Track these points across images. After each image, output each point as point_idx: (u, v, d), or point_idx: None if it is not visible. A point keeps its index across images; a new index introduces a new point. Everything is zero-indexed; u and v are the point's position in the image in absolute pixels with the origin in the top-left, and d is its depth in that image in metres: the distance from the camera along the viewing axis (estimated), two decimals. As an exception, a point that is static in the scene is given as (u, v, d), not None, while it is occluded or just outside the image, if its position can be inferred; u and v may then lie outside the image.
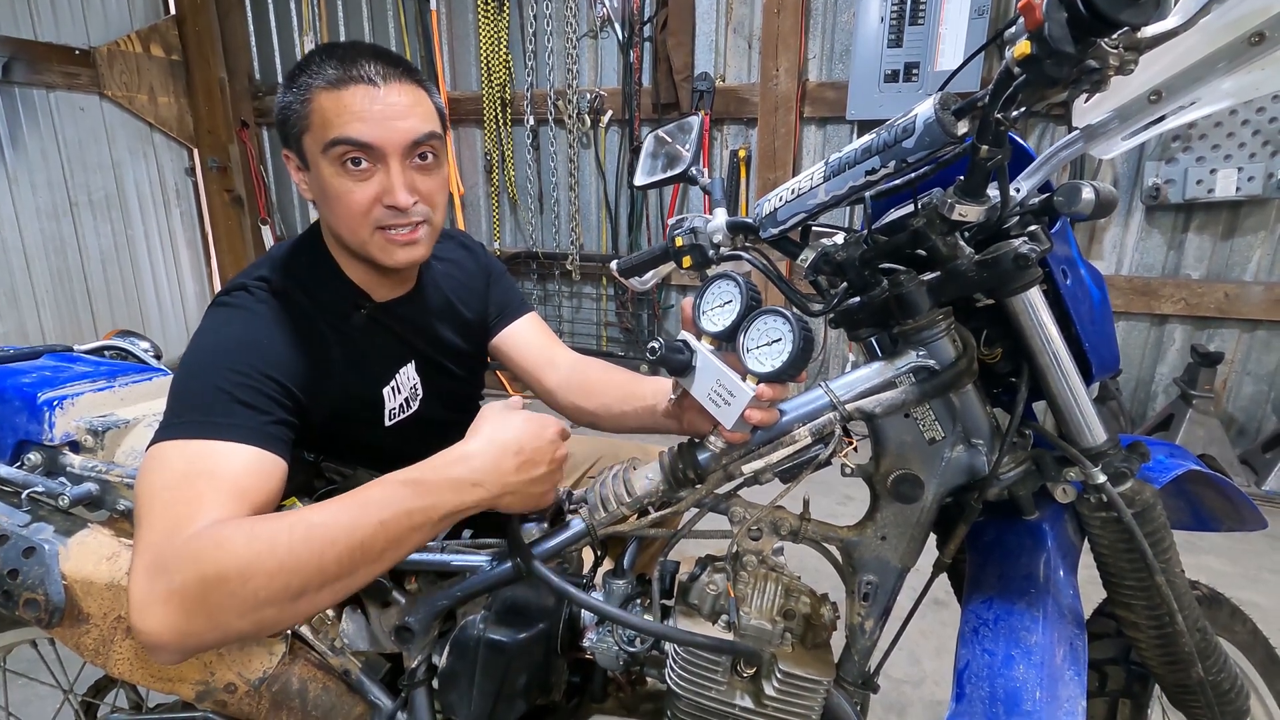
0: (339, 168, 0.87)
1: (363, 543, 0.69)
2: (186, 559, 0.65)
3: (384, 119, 0.85)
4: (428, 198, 0.92)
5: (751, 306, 0.74)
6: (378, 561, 0.71)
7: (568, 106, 3.60)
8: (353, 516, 0.69)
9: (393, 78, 0.87)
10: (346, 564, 0.68)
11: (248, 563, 0.65)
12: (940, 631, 1.94)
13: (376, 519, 0.70)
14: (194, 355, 0.83)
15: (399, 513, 0.70)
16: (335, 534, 0.68)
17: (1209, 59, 0.59)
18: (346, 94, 0.85)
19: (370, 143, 0.85)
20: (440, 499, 0.73)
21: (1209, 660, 0.81)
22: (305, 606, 0.68)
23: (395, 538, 0.70)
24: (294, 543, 0.67)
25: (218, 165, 4.32)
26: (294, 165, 0.93)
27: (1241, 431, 2.97)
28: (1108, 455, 0.73)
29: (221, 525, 0.68)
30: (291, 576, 0.66)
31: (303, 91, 0.86)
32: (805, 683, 0.75)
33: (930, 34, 2.86)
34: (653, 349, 0.75)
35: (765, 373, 0.71)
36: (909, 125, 0.63)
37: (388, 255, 0.92)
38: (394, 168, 0.87)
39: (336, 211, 0.90)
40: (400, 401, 1.02)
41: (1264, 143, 2.61)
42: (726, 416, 0.72)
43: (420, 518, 0.71)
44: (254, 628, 0.67)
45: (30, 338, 3.57)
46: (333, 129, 0.85)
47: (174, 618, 0.64)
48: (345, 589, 0.70)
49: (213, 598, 0.64)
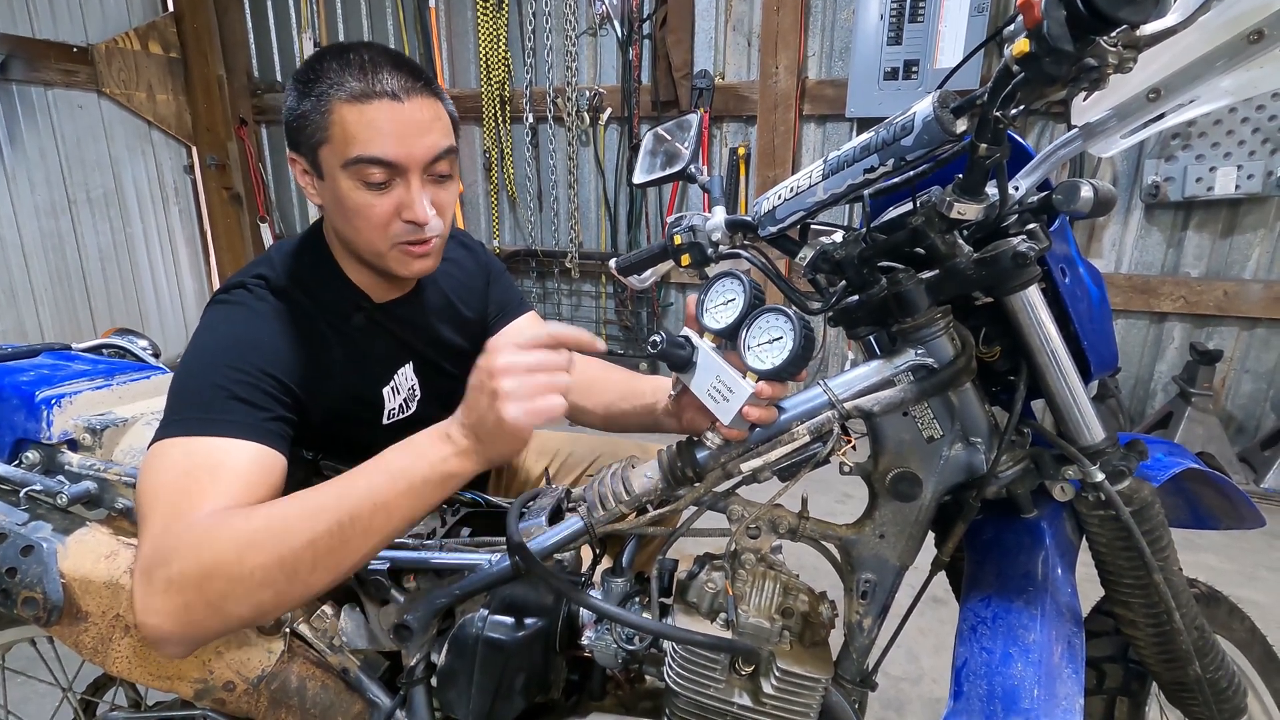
0: (359, 183, 0.85)
1: (351, 511, 0.68)
2: (185, 547, 0.66)
3: (407, 136, 0.84)
4: (442, 211, 0.91)
5: (754, 305, 0.74)
6: (369, 533, 0.69)
7: (567, 104, 3.60)
8: (341, 486, 0.70)
9: (414, 92, 0.85)
10: (337, 535, 0.67)
11: (244, 543, 0.65)
12: (938, 629, 1.94)
13: (365, 485, 0.69)
14: (193, 354, 0.84)
15: (386, 477, 0.70)
16: (324, 502, 0.68)
17: (1208, 57, 0.59)
18: (370, 109, 0.83)
19: (394, 161, 0.84)
20: (419, 457, 0.71)
21: (1206, 658, 0.82)
22: (300, 588, 0.68)
23: (383, 503, 0.69)
24: (287, 517, 0.67)
25: (216, 163, 4.32)
26: (301, 169, 0.91)
27: (1240, 429, 2.97)
28: (1106, 453, 0.73)
29: (218, 513, 0.68)
30: (285, 553, 0.66)
31: (322, 102, 0.84)
32: (803, 680, 0.75)
33: (930, 31, 2.86)
34: (654, 342, 0.74)
35: (765, 370, 0.71)
36: (908, 123, 0.63)
37: (404, 267, 0.92)
38: (414, 183, 0.87)
39: (355, 224, 0.89)
40: (400, 402, 1.03)
41: (1264, 140, 2.61)
42: (725, 413, 0.72)
43: (402, 482, 0.70)
44: (253, 612, 0.68)
45: (29, 336, 3.57)
46: (356, 146, 0.83)
47: (175, 607, 0.65)
48: (339, 566, 0.69)
49: (211, 584, 0.65)
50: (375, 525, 0.69)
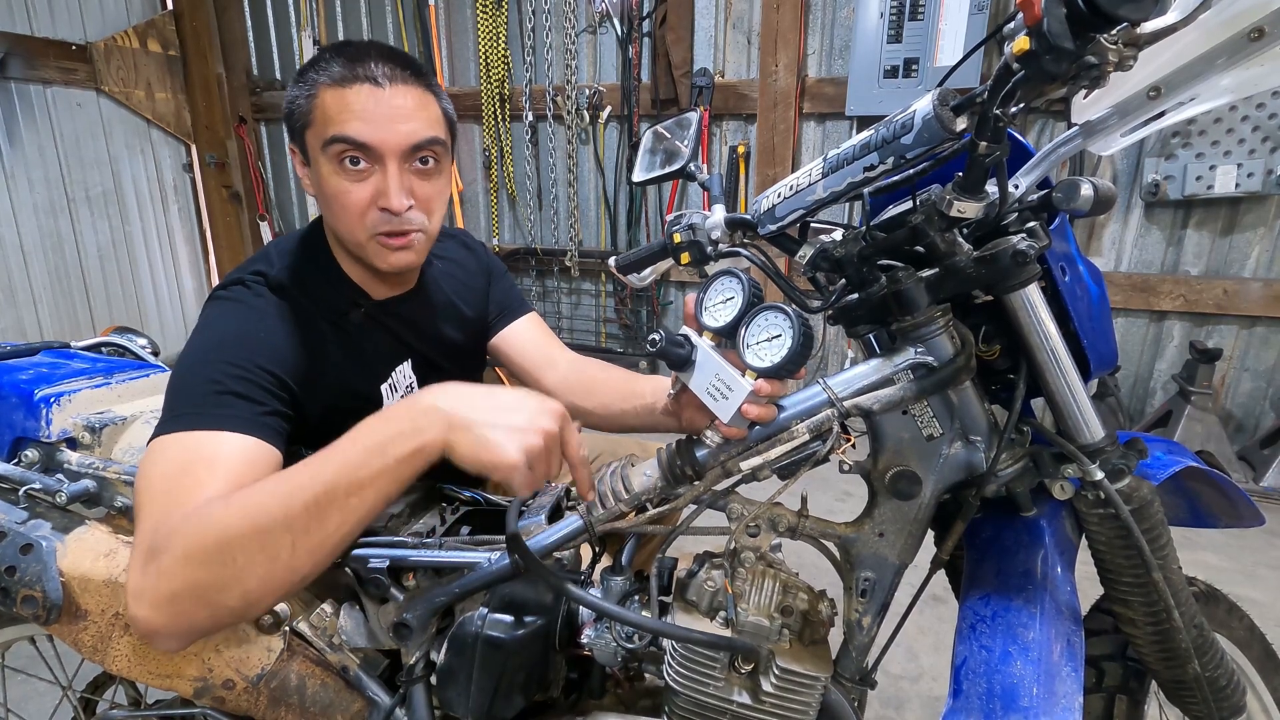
0: (336, 165, 0.86)
1: (327, 484, 0.66)
2: (175, 538, 0.66)
3: (384, 120, 0.85)
4: (424, 203, 0.91)
5: (753, 303, 0.74)
6: (345, 510, 0.67)
7: (566, 102, 3.59)
8: (318, 461, 0.68)
9: (399, 79, 0.86)
10: (314, 510, 0.65)
11: (225, 528, 0.65)
12: (938, 628, 1.94)
13: (339, 459, 0.67)
14: (190, 351, 0.84)
15: (361, 449, 0.67)
16: (300, 479, 0.67)
17: (1208, 55, 0.59)
18: (350, 92, 0.84)
19: (367, 143, 0.85)
20: (398, 427, 0.68)
21: (1205, 656, 0.82)
22: (284, 571, 0.66)
23: (359, 479, 0.67)
24: (263, 496, 0.66)
25: (215, 161, 4.31)
26: (299, 160, 0.94)
27: (1240, 428, 2.97)
28: (1105, 452, 0.73)
29: (206, 502, 0.68)
30: (264, 534, 0.65)
31: (309, 87, 0.87)
32: (803, 679, 0.75)
33: (930, 29, 2.86)
34: (653, 340, 0.74)
35: (764, 368, 0.71)
36: (907, 121, 0.62)
37: (382, 259, 0.92)
38: (391, 170, 0.87)
39: (334, 210, 0.90)
40: (397, 399, 1.02)
41: (1264, 139, 2.60)
42: (724, 411, 0.72)
43: (378, 457, 0.67)
44: (241, 602, 0.67)
45: (28, 334, 3.57)
46: (332, 126, 0.85)
47: (162, 598, 0.65)
48: (321, 547, 0.67)
49: (197, 573, 0.64)
50: (352, 503, 0.67)
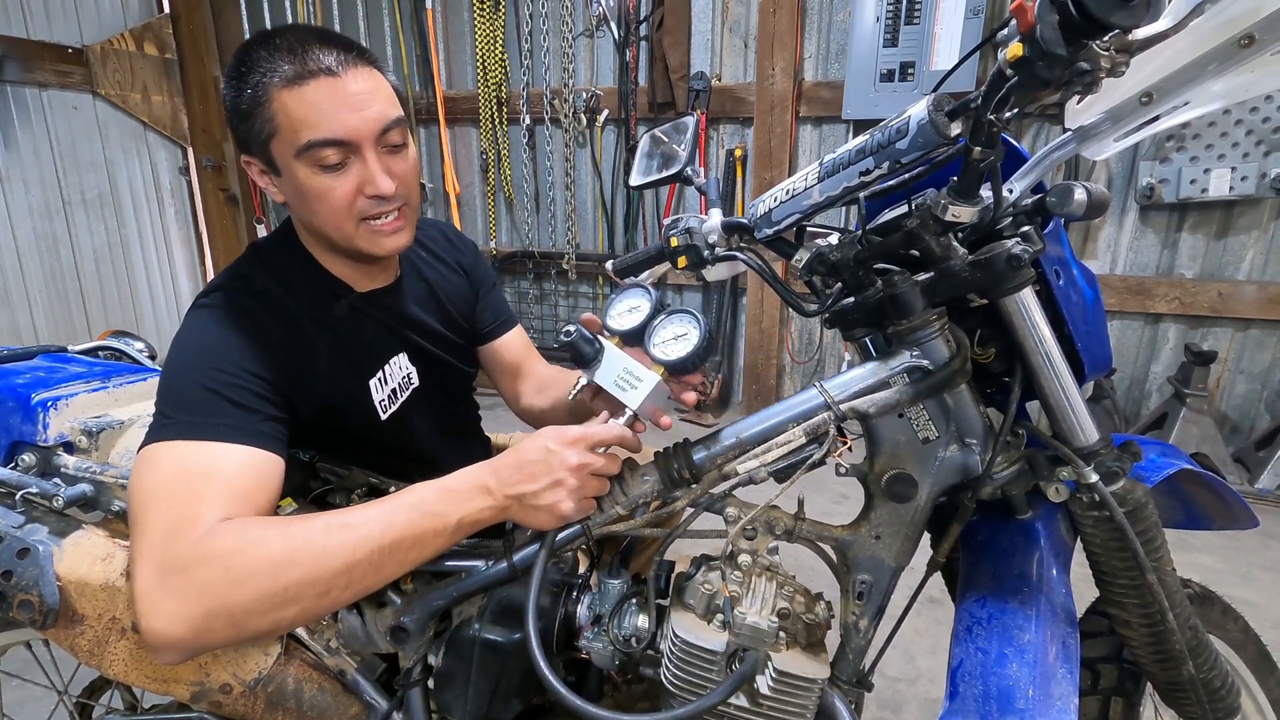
0: (315, 168, 0.84)
1: (393, 543, 0.72)
2: (210, 557, 0.66)
3: (350, 110, 0.83)
4: (403, 180, 0.90)
5: (658, 311, 0.83)
6: (401, 564, 0.73)
7: (563, 106, 3.60)
8: (386, 516, 0.73)
9: (349, 64, 0.84)
10: (375, 563, 0.71)
11: (281, 560, 0.67)
12: (934, 630, 1.94)
13: (405, 520, 0.73)
14: (177, 357, 0.82)
15: (425, 514, 0.74)
16: (370, 532, 0.71)
17: (1200, 61, 0.59)
18: (309, 90, 0.81)
19: (344, 138, 0.83)
20: (458, 504, 0.75)
21: (1200, 658, 0.82)
22: (327, 606, 0.71)
23: (420, 538, 0.73)
24: (329, 542, 0.69)
25: (212, 164, 4.31)
26: (258, 170, 0.90)
27: (1235, 430, 2.98)
28: (1100, 454, 0.73)
29: (247, 524, 0.70)
30: (323, 573, 0.68)
31: (260, 93, 0.82)
32: (800, 681, 0.75)
33: (926, 34, 2.87)
34: (568, 332, 0.80)
35: (669, 361, 0.79)
36: (902, 126, 0.63)
37: (375, 245, 0.91)
38: (369, 157, 0.86)
39: (318, 210, 0.88)
40: (388, 392, 1.01)
41: (1257, 142, 2.62)
42: (633, 400, 0.79)
43: (439, 522, 0.74)
44: (271, 626, 0.69)
45: (24, 338, 3.55)
46: (305, 131, 0.82)
47: (192, 615, 0.65)
48: (367, 589, 0.73)
49: (238, 595, 0.66)
50: (409, 558, 0.74)
